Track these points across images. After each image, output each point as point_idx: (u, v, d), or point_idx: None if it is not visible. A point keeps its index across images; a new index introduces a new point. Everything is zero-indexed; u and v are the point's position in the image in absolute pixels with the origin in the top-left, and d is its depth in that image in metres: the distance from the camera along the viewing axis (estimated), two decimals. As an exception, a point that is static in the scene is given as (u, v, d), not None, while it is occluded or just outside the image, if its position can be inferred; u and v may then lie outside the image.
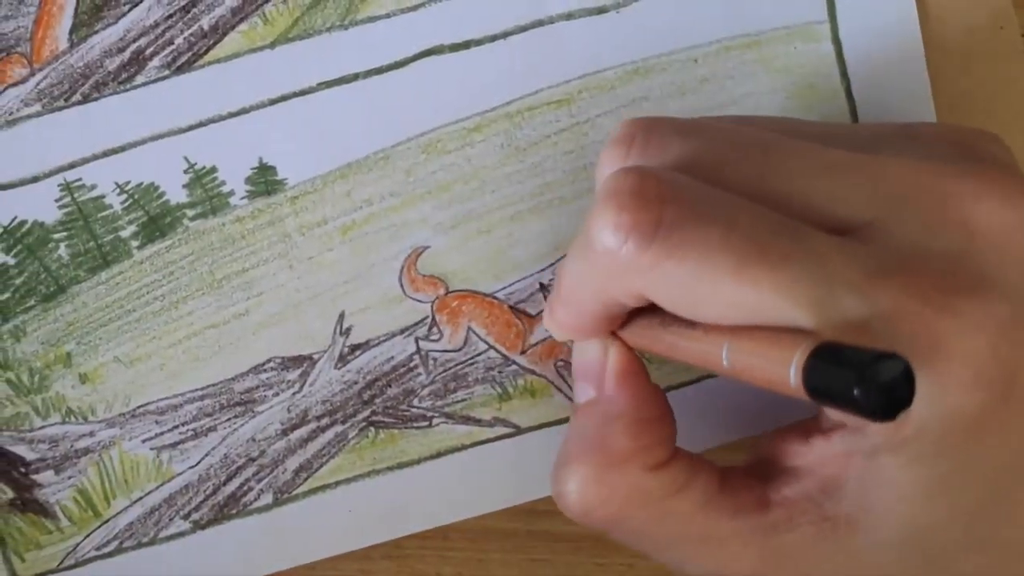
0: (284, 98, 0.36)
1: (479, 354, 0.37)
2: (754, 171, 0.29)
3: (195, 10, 0.35)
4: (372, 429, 0.37)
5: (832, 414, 0.29)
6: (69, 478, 0.37)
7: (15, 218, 0.36)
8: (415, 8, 0.35)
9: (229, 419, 0.37)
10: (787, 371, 0.25)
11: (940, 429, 0.27)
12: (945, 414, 0.27)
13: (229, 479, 0.37)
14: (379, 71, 0.36)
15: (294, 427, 0.37)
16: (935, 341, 0.26)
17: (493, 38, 0.35)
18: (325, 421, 0.37)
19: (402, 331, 0.36)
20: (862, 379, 0.23)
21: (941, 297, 0.27)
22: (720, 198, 0.28)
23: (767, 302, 0.26)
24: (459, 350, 0.37)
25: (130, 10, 0.35)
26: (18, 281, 0.36)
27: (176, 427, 0.37)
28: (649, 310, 0.30)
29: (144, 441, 0.37)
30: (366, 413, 0.37)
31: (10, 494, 0.37)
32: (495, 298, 0.36)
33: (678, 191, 0.27)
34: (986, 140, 0.31)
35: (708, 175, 0.28)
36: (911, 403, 0.24)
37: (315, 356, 0.36)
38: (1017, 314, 0.27)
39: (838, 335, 0.26)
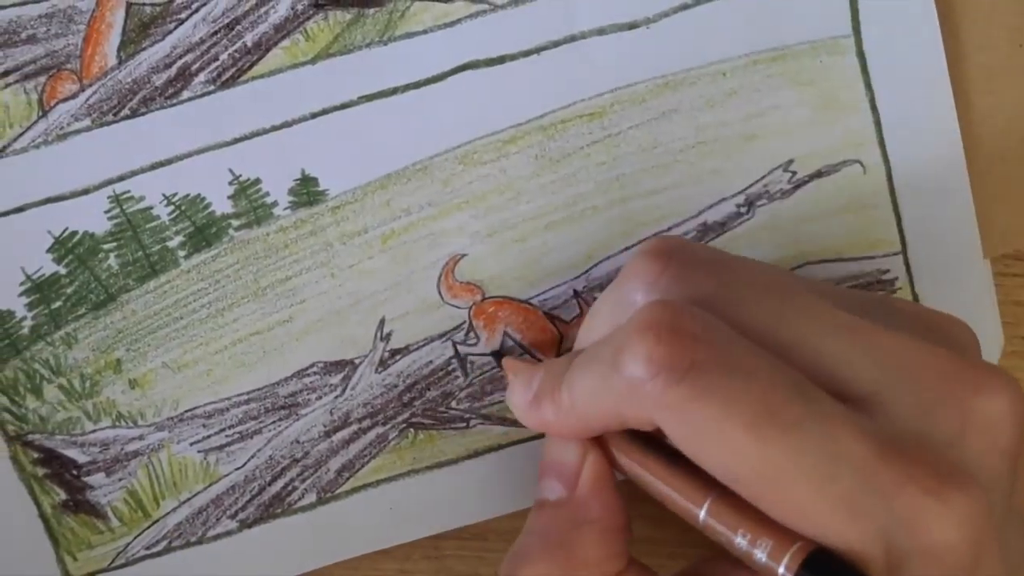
0: (325, 112, 0.36)
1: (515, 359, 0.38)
2: (772, 318, 0.30)
3: (239, 27, 0.36)
4: (412, 430, 0.38)
5: None
6: (120, 480, 0.38)
7: (66, 229, 0.37)
8: (452, 24, 0.36)
9: (274, 422, 0.38)
10: (769, 560, 0.27)
11: None
12: None
13: (274, 479, 0.38)
14: (417, 85, 0.36)
15: (336, 429, 0.38)
16: (923, 527, 0.27)
17: (527, 53, 0.36)
18: (367, 423, 0.38)
19: (440, 336, 0.38)
20: None
21: (936, 485, 0.28)
22: (746, 348, 0.29)
23: (773, 464, 0.28)
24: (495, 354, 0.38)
25: (176, 27, 0.36)
26: (69, 290, 0.37)
27: (223, 430, 0.38)
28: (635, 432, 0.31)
29: (192, 444, 0.38)
30: (406, 415, 0.38)
31: (63, 495, 0.38)
32: (530, 304, 0.38)
33: (711, 334, 0.28)
34: (959, 328, 0.33)
35: (728, 313, 0.29)
36: None
37: (356, 361, 0.38)
38: (993, 503, 0.28)
39: (831, 508, 0.27)
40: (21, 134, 0.36)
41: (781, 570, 0.28)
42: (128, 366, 0.37)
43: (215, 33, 0.36)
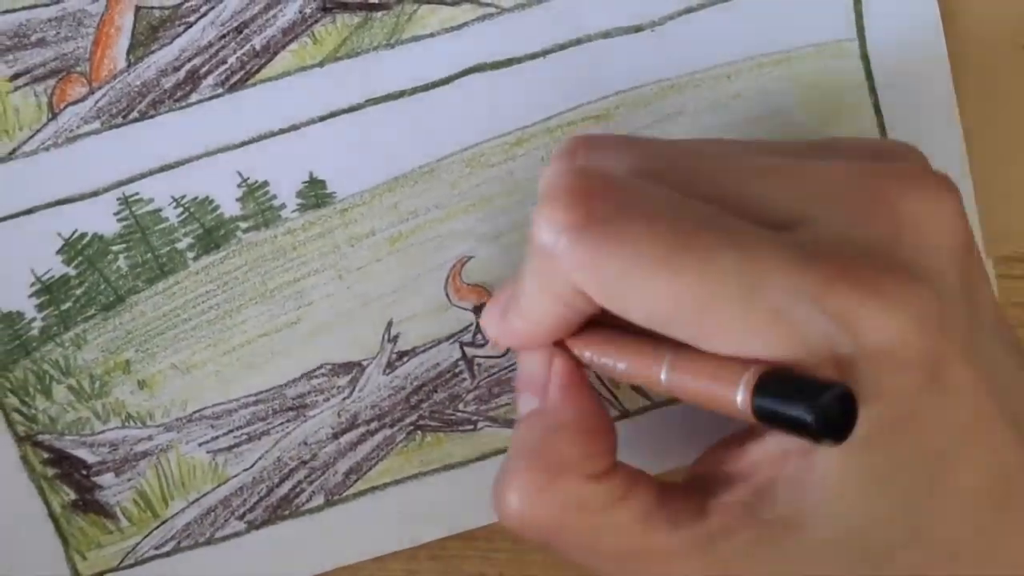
0: (333, 115, 0.37)
1: (522, 360, 0.38)
2: (687, 176, 0.30)
3: (247, 30, 0.37)
4: (419, 432, 0.38)
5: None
6: (129, 480, 0.38)
7: (76, 231, 0.37)
8: (459, 28, 0.37)
9: (282, 423, 0.38)
10: (729, 393, 0.27)
11: (870, 417, 0.27)
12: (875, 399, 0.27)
13: (282, 481, 0.38)
14: (424, 88, 0.37)
15: (344, 431, 0.38)
16: (863, 327, 0.27)
17: (534, 56, 0.37)
18: (374, 425, 0.38)
19: (448, 338, 0.38)
20: (811, 408, 0.25)
21: (869, 279, 0.27)
22: (651, 192, 0.28)
23: (695, 294, 0.27)
24: (503, 356, 0.38)
25: (185, 31, 0.37)
26: (79, 291, 0.37)
27: (231, 431, 0.38)
28: (596, 326, 0.31)
29: (200, 444, 0.38)
30: (413, 417, 0.38)
31: (72, 495, 0.38)
32: (537, 306, 0.38)
33: (608, 186, 0.28)
34: (905, 149, 0.32)
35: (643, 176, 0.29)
36: (855, 425, 0.25)
37: (364, 362, 0.38)
38: (943, 300, 0.28)
39: (764, 324, 0.27)
40: (31, 136, 0.36)
41: (739, 399, 0.27)
42: (137, 367, 0.38)
43: (223, 36, 0.37)
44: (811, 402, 0.26)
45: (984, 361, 0.28)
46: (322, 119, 0.37)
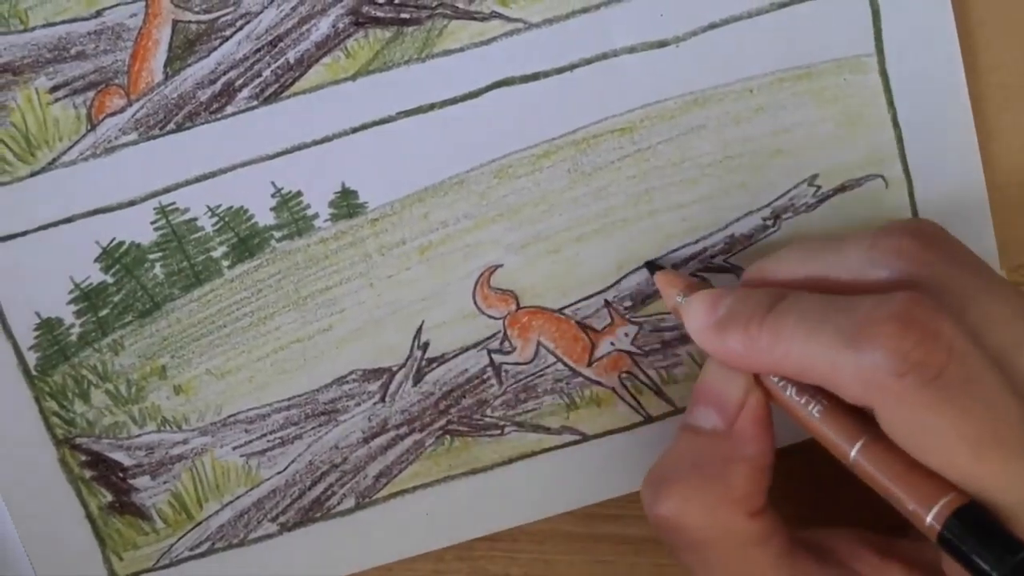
0: (365, 127, 0.38)
1: (548, 366, 0.39)
2: (1010, 340, 0.30)
3: (282, 44, 0.37)
4: (448, 437, 0.39)
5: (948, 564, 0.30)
6: (164, 483, 0.39)
7: (113, 239, 0.38)
8: (487, 43, 0.37)
9: (314, 428, 0.39)
10: (919, 508, 0.28)
11: None
12: None
13: (314, 484, 0.39)
14: (454, 101, 0.38)
15: (375, 435, 0.39)
16: None
17: (560, 70, 0.37)
18: (404, 430, 0.39)
19: (476, 345, 0.39)
20: (1001, 563, 0.26)
21: None
22: (985, 365, 0.29)
23: (985, 483, 0.28)
24: (529, 363, 0.39)
25: (221, 44, 0.37)
26: (116, 298, 0.38)
27: (264, 435, 0.39)
28: None
29: (234, 448, 0.39)
30: (442, 422, 0.39)
31: (109, 497, 0.39)
32: (563, 314, 0.39)
33: (962, 345, 0.29)
34: None
35: (971, 318, 0.30)
36: None
37: (394, 369, 0.39)
38: None
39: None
40: (70, 147, 0.37)
41: (927, 519, 0.28)
42: (173, 372, 0.39)
43: (258, 50, 0.37)
44: (1002, 556, 0.26)
45: None
46: (354, 131, 0.38)
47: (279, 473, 0.39)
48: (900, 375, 0.28)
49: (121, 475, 0.39)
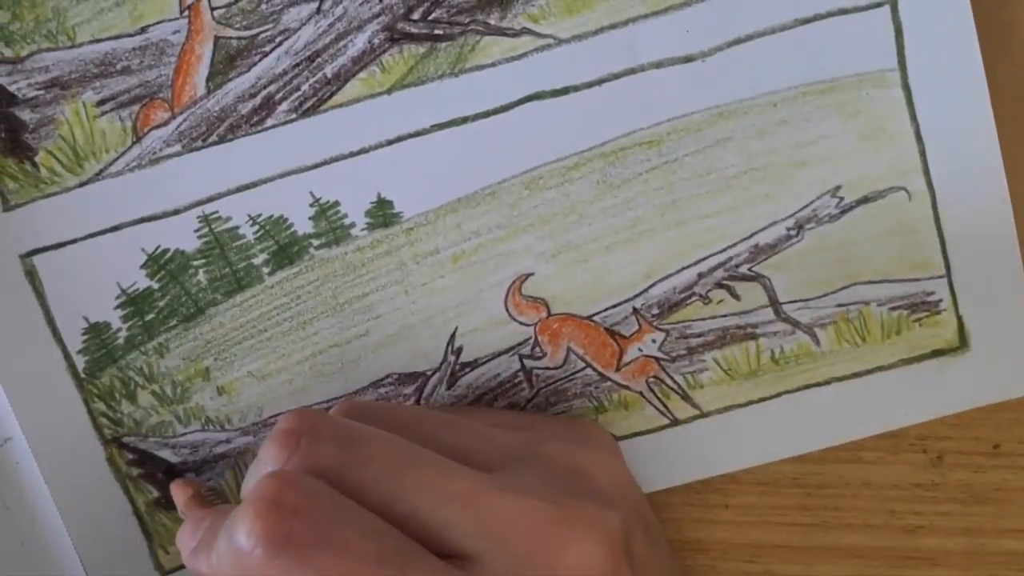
0: (400, 139, 0.39)
1: (577, 371, 0.40)
2: (389, 489, 0.32)
3: (319, 60, 0.38)
4: (480, 439, 0.40)
5: None
6: (208, 480, 0.41)
7: (159, 247, 0.39)
8: (519, 58, 0.38)
9: (351, 429, 0.40)
10: None
11: None
12: None
13: (351, 482, 0.41)
14: (486, 115, 0.38)
15: (409, 436, 0.40)
16: None
17: (590, 84, 0.38)
18: (437, 431, 0.40)
19: (508, 350, 0.40)
20: None
21: None
22: (347, 517, 0.31)
23: None
24: (559, 367, 0.40)
25: (261, 60, 0.38)
26: (162, 303, 0.40)
27: (303, 436, 0.40)
28: None
29: (275, 448, 0.40)
30: (474, 424, 0.40)
31: (155, 493, 0.41)
32: (592, 321, 0.40)
33: (314, 506, 0.31)
34: (596, 430, 0.38)
35: (349, 486, 0.32)
36: None
37: (428, 373, 0.40)
38: None
39: None
40: (116, 159, 0.39)
41: None
42: (216, 374, 0.40)
43: (297, 65, 0.39)
44: None
45: None
46: (390, 143, 0.39)
47: (318, 472, 0.41)
48: (252, 549, 0.30)
49: (167, 472, 0.41)
